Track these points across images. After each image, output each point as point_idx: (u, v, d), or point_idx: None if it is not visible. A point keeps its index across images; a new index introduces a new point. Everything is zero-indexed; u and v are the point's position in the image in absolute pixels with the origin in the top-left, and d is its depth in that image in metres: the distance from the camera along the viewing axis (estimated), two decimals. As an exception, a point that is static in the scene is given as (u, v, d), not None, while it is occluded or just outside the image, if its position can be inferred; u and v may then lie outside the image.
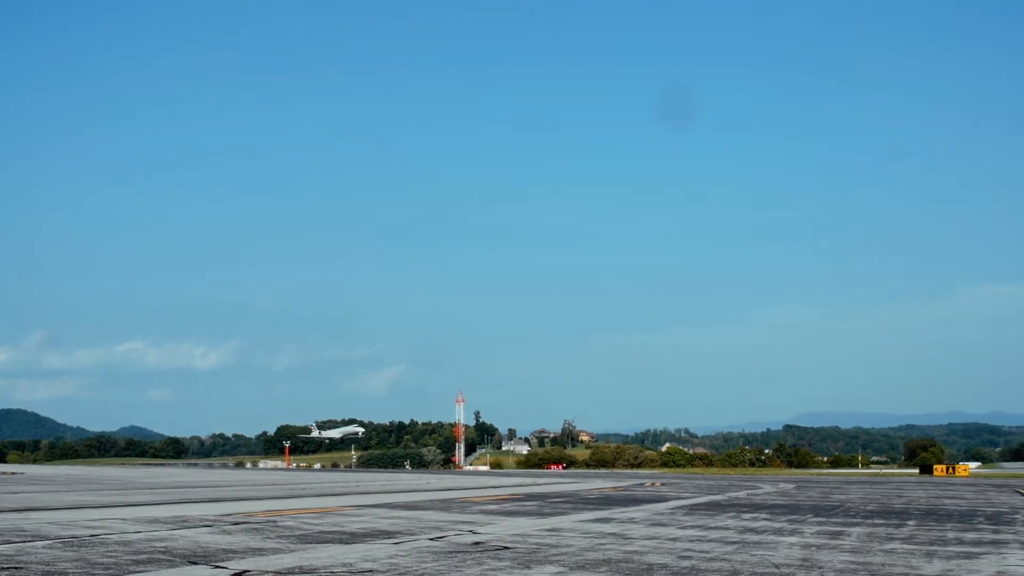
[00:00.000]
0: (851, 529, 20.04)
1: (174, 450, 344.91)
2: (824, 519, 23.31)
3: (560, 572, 12.94)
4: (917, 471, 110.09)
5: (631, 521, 22.64)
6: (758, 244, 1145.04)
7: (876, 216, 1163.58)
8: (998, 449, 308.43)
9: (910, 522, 22.23)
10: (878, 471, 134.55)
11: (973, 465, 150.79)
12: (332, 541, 16.78)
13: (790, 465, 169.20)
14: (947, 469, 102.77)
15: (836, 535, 18.59)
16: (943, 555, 14.90)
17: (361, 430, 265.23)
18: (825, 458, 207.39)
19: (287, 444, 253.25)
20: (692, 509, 27.97)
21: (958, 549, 15.81)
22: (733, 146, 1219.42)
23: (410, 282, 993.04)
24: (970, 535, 18.50)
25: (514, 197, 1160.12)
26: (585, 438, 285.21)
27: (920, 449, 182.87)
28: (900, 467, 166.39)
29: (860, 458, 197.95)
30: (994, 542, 17.07)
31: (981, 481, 65.56)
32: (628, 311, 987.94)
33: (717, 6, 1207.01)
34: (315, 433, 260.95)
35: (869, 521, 22.57)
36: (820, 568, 13.34)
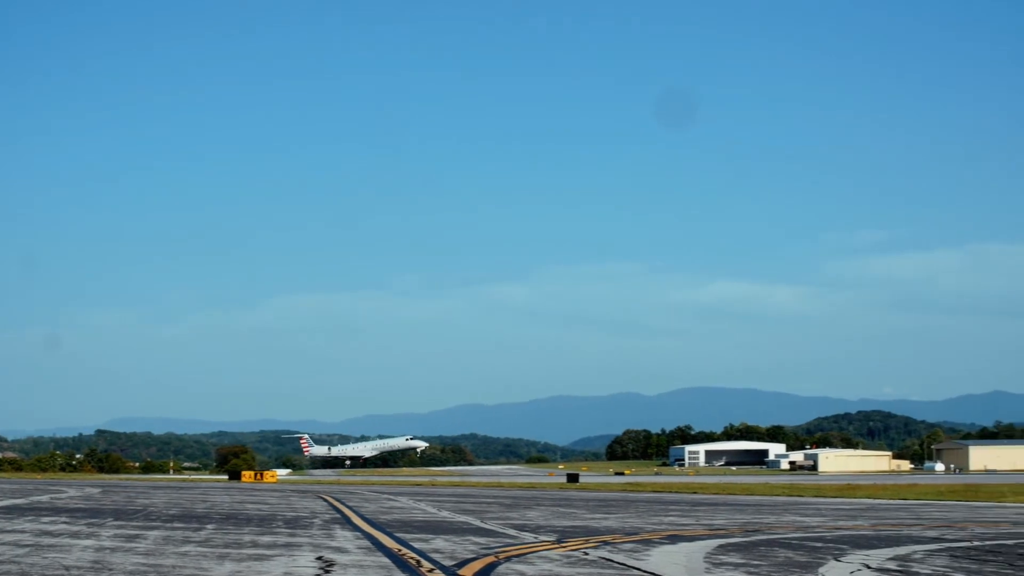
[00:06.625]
0: (150, 532, 20.92)
1: None
2: (125, 523, 24.13)
3: None
4: (227, 477, 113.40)
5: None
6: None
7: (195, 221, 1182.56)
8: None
9: (210, 525, 23.46)
10: (188, 477, 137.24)
11: (283, 472, 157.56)
12: None
13: (101, 470, 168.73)
14: (256, 475, 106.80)
15: (133, 538, 19.47)
16: (236, 557, 16.14)
17: (423, 444, 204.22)
18: (137, 464, 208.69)
19: None
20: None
21: (252, 551, 17.15)
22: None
23: None
24: (266, 538, 20.00)
25: None
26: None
27: (232, 456, 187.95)
28: (212, 473, 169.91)
29: (172, 464, 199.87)
30: (288, 544, 18.65)
31: (287, 487, 69.22)
32: None
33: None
34: (312, 450, 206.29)
35: (169, 525, 23.61)
36: (111, 570, 14.18)
